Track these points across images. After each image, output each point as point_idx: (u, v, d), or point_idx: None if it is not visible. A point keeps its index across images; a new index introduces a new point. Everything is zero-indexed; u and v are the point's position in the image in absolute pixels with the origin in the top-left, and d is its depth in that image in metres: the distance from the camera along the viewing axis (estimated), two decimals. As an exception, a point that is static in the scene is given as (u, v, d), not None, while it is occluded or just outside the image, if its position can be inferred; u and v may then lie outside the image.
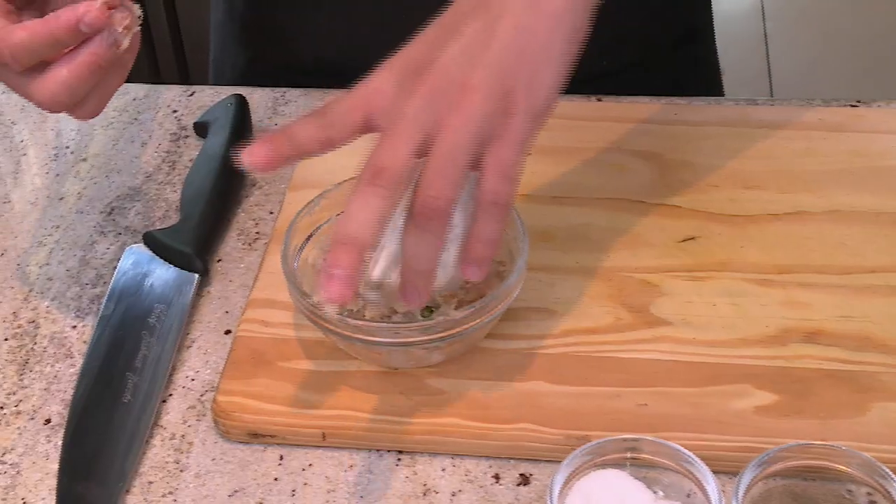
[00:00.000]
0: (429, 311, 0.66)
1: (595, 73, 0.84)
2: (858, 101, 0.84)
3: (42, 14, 0.63)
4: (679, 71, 0.93)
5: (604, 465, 0.60)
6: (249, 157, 0.59)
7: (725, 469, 0.61)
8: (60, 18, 0.61)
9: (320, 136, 0.59)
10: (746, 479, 0.58)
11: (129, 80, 0.96)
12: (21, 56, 0.62)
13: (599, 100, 0.85)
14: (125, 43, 0.63)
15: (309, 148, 0.60)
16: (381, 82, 0.59)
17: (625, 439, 0.60)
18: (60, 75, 0.63)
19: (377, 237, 0.57)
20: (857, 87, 2.11)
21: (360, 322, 0.64)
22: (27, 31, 0.62)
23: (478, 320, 0.64)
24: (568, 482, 0.59)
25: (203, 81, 0.97)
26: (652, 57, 0.91)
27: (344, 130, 0.59)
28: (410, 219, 0.58)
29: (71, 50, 0.62)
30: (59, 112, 0.65)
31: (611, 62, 0.86)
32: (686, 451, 0.59)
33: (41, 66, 0.63)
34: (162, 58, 1.34)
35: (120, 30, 0.62)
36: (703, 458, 0.59)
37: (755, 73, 2.22)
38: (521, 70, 0.58)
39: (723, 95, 0.99)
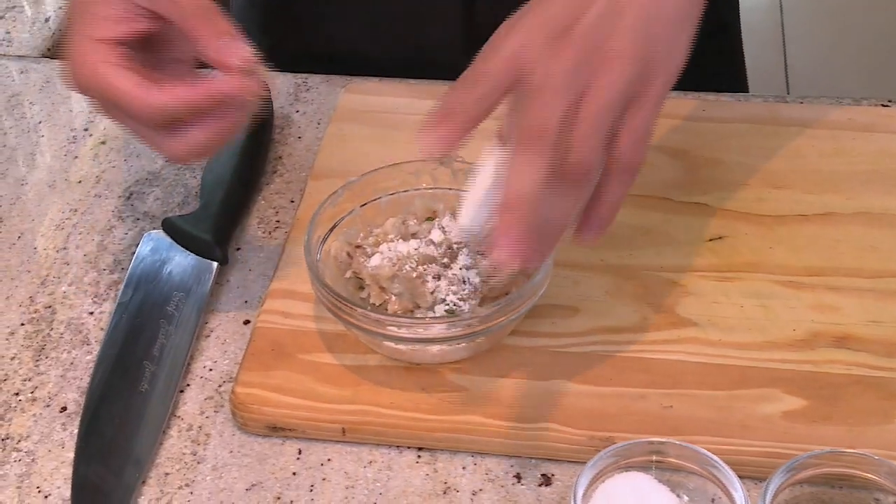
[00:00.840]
0: (451, 312, 0.65)
1: None
2: (890, 101, 0.82)
3: (158, 54, 0.63)
4: (708, 64, 0.92)
5: (628, 468, 0.59)
6: (425, 146, 0.57)
7: (751, 474, 0.61)
8: (204, 89, 0.61)
9: (476, 99, 0.57)
10: (774, 485, 0.57)
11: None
12: (157, 118, 0.61)
13: (625, 94, 0.84)
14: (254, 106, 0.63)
15: (472, 114, 0.57)
16: (527, 39, 0.57)
17: (650, 442, 0.59)
18: (196, 139, 0.62)
19: (543, 200, 0.56)
20: (880, 87, 2.09)
21: (384, 316, 0.64)
22: (168, 97, 0.61)
23: (503, 318, 0.63)
24: (592, 484, 0.58)
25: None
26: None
27: (497, 91, 0.57)
28: (553, 179, 0.56)
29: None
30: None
31: None
32: (712, 455, 0.59)
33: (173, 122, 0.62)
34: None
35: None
36: (728, 463, 0.58)
37: (772, 69, 2.20)
38: (660, 37, 0.58)
39: (748, 90, 0.98)
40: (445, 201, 0.69)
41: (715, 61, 0.94)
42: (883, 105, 0.82)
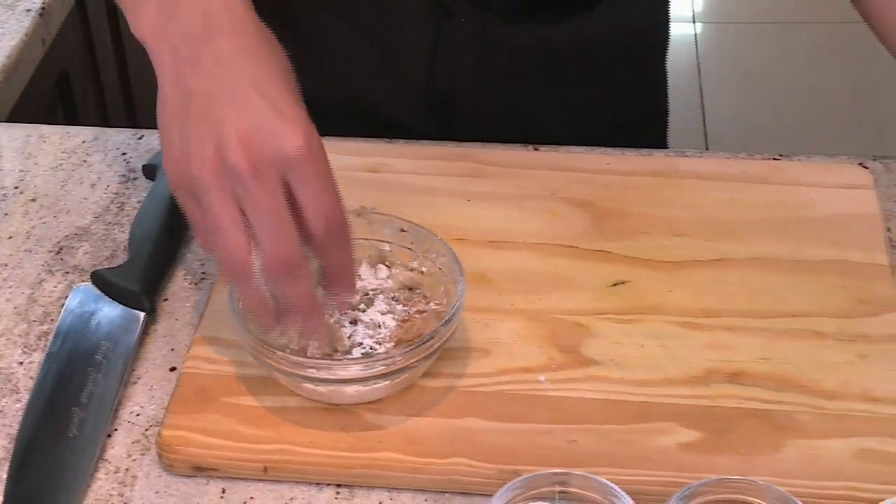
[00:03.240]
0: (367, 354, 0.69)
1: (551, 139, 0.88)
2: (780, 155, 0.88)
3: None
4: (632, 131, 0.97)
5: (535, 499, 0.63)
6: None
7: (651, 502, 0.64)
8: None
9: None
10: (670, 511, 0.61)
11: (77, 124, 0.98)
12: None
13: (536, 149, 0.89)
14: None
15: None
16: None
17: (555, 473, 0.63)
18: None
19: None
20: (783, 141, 2.19)
21: (303, 358, 0.67)
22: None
23: (415, 359, 0.67)
24: (500, 515, 0.62)
25: (151, 126, 0.99)
26: (610, 127, 0.95)
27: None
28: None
29: None
30: None
31: (571, 131, 0.91)
32: (613, 485, 0.62)
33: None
34: (110, 102, 1.36)
35: None
36: (629, 493, 0.62)
37: (691, 125, 2.29)
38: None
39: (666, 146, 1.03)
40: (362, 251, 0.73)
41: (641, 130, 0.99)
42: (774, 158, 0.87)
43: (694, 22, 2.64)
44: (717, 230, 0.81)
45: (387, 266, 0.73)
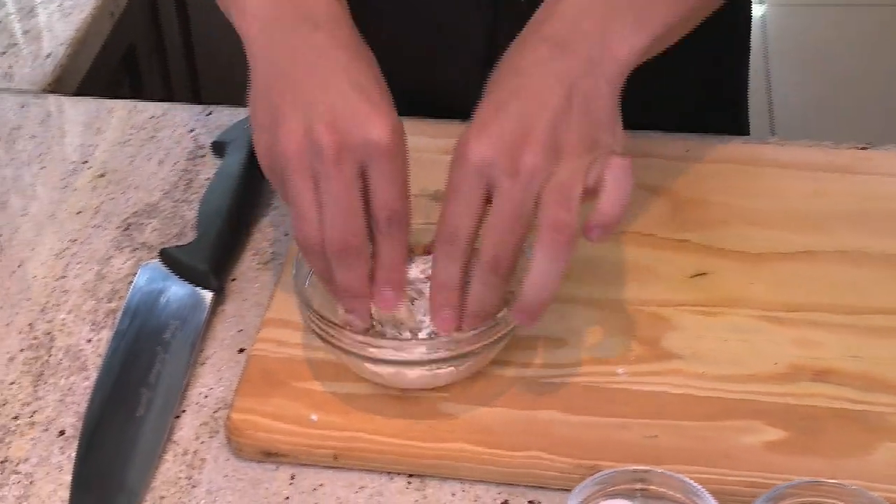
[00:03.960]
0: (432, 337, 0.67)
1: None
2: (868, 144, 0.85)
3: None
4: (711, 113, 0.94)
5: (613, 495, 0.61)
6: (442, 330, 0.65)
7: (734, 503, 0.62)
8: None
9: (468, 222, 0.63)
10: (755, 513, 0.59)
11: (143, 99, 0.97)
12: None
13: (613, 134, 0.86)
14: None
15: (469, 234, 0.63)
16: (490, 154, 0.62)
17: (635, 470, 0.61)
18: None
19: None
20: (861, 131, 2.12)
21: (366, 338, 0.65)
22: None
23: (480, 344, 0.65)
24: (578, 511, 0.60)
25: (215, 101, 0.97)
26: (683, 115, 0.92)
27: (476, 207, 0.63)
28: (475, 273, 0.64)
29: None
30: None
31: (639, 119, 0.88)
32: (695, 483, 0.60)
33: None
34: (176, 77, 1.35)
35: None
36: (711, 492, 0.59)
37: (755, 112, 2.24)
38: (602, 122, 0.64)
39: (748, 133, 1.00)
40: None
41: (719, 109, 0.96)
42: (861, 148, 0.84)
43: (762, 2, 2.57)
44: (801, 222, 0.78)
45: None
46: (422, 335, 0.67)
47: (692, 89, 0.93)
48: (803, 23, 2.54)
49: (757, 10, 2.53)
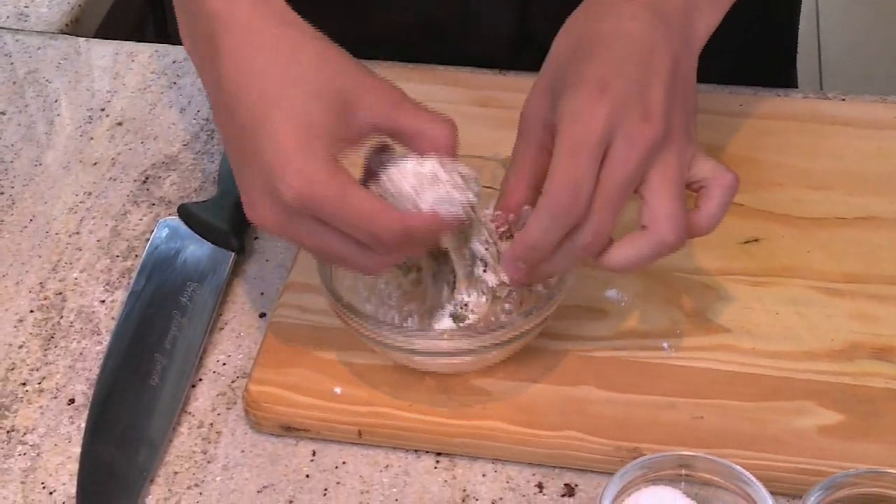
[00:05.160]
0: (456, 317, 0.62)
1: None
2: (934, 99, 0.79)
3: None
4: (761, 64, 0.89)
5: (656, 481, 0.57)
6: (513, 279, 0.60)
7: (784, 491, 0.59)
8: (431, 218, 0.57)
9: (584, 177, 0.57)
10: (811, 503, 0.55)
11: (169, 42, 0.93)
12: (395, 242, 0.56)
13: (660, 85, 0.81)
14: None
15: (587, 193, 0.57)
16: (616, 115, 0.57)
17: (680, 455, 0.57)
18: (396, 259, 0.60)
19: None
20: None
21: (381, 325, 0.60)
22: (416, 221, 0.56)
23: (499, 341, 0.60)
24: (619, 496, 0.56)
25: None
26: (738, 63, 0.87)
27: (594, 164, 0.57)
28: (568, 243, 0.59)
29: None
30: None
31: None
32: (743, 470, 0.56)
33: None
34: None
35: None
36: (760, 479, 0.56)
37: (805, 65, 2.16)
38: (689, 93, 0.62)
39: (796, 87, 0.94)
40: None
41: (768, 61, 0.91)
42: (929, 104, 0.79)
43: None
44: (863, 184, 0.73)
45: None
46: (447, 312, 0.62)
47: (741, 33, 0.88)
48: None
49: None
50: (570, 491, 0.60)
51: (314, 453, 0.62)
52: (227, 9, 0.58)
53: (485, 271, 0.62)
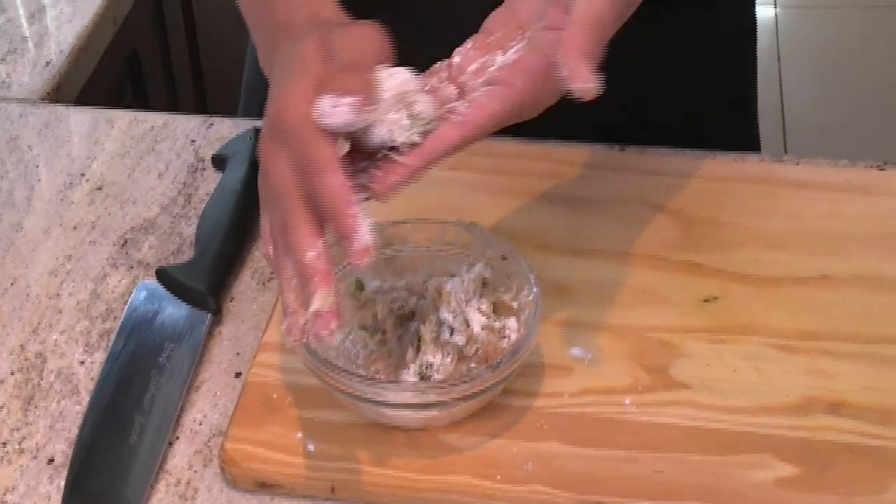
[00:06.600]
0: (422, 377, 0.65)
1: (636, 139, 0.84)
2: (885, 163, 0.82)
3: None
4: (725, 135, 0.92)
5: (618, 534, 0.59)
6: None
7: (743, 542, 0.60)
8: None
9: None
10: (765, 555, 0.57)
11: (147, 106, 0.96)
12: (340, 200, 0.57)
13: (622, 149, 0.84)
14: None
15: None
16: None
17: (641, 508, 0.59)
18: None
19: None
20: (869, 143, 2.08)
21: (365, 382, 0.63)
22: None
23: (463, 395, 0.62)
24: (581, 550, 0.58)
25: (220, 110, 0.96)
26: (697, 124, 0.90)
27: None
28: None
29: None
30: None
31: (655, 132, 0.86)
32: (703, 522, 0.58)
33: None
34: (180, 83, 1.33)
35: None
36: (720, 531, 0.58)
37: (768, 129, 2.21)
38: None
39: (758, 150, 0.97)
40: (468, 268, 0.69)
41: (728, 125, 0.94)
42: (879, 167, 0.82)
43: (775, 7, 2.53)
44: (817, 244, 0.76)
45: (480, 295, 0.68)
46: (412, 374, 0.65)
47: (698, 97, 0.91)
48: (817, 26, 2.49)
49: (768, 12, 2.49)
50: (536, 544, 0.62)
51: (288, 509, 0.63)
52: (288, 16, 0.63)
53: (451, 336, 0.64)
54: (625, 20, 0.61)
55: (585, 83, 0.57)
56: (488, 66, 0.61)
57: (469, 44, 0.63)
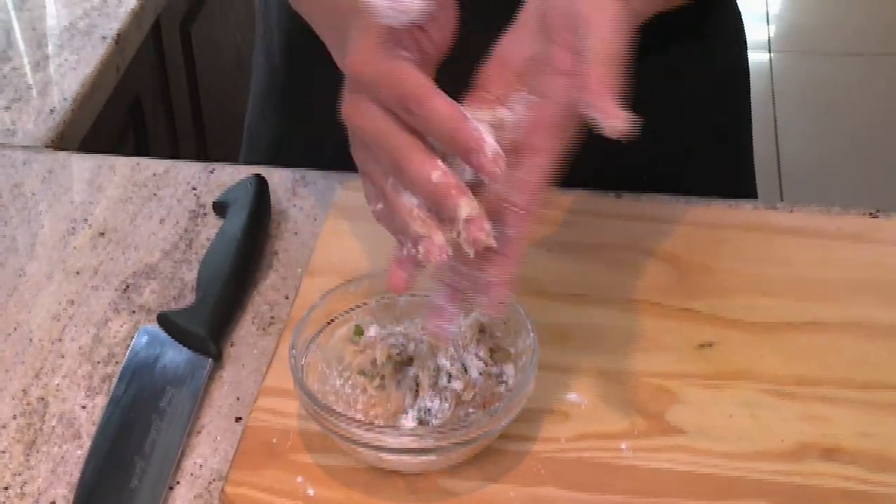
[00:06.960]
0: (423, 424, 0.66)
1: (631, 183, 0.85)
2: (878, 211, 0.84)
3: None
4: (718, 178, 0.94)
5: (615, 579, 0.59)
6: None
7: (739, 587, 0.61)
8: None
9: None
10: None
11: (148, 152, 0.97)
12: (446, 125, 0.57)
13: (618, 196, 0.85)
14: None
15: None
16: None
17: (638, 553, 0.59)
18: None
19: None
20: (870, 196, 2.09)
21: (363, 426, 0.63)
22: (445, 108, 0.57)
23: (458, 441, 0.63)
24: None
25: (220, 155, 0.97)
26: (692, 170, 0.91)
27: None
28: None
29: None
30: None
31: (650, 178, 0.87)
32: (699, 567, 0.59)
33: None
34: (181, 130, 1.35)
35: None
36: (716, 576, 0.58)
37: (763, 175, 2.23)
38: None
39: (755, 196, 0.99)
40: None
41: (723, 173, 0.95)
42: (871, 215, 0.83)
43: (769, 52, 2.55)
44: (810, 291, 0.77)
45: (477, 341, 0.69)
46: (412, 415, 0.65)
47: (692, 143, 0.92)
48: (811, 71, 2.51)
49: (763, 57, 2.51)
50: (534, 588, 0.62)
51: (287, 554, 0.64)
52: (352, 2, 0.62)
53: (449, 382, 0.65)
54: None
55: (618, 120, 0.57)
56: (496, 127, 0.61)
57: (466, 102, 0.62)
